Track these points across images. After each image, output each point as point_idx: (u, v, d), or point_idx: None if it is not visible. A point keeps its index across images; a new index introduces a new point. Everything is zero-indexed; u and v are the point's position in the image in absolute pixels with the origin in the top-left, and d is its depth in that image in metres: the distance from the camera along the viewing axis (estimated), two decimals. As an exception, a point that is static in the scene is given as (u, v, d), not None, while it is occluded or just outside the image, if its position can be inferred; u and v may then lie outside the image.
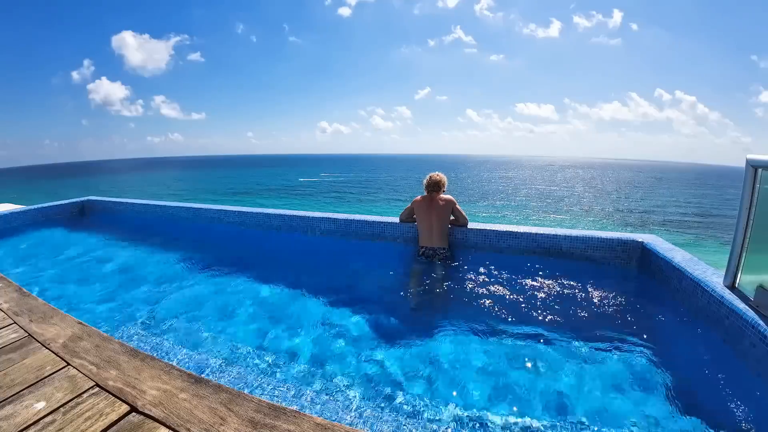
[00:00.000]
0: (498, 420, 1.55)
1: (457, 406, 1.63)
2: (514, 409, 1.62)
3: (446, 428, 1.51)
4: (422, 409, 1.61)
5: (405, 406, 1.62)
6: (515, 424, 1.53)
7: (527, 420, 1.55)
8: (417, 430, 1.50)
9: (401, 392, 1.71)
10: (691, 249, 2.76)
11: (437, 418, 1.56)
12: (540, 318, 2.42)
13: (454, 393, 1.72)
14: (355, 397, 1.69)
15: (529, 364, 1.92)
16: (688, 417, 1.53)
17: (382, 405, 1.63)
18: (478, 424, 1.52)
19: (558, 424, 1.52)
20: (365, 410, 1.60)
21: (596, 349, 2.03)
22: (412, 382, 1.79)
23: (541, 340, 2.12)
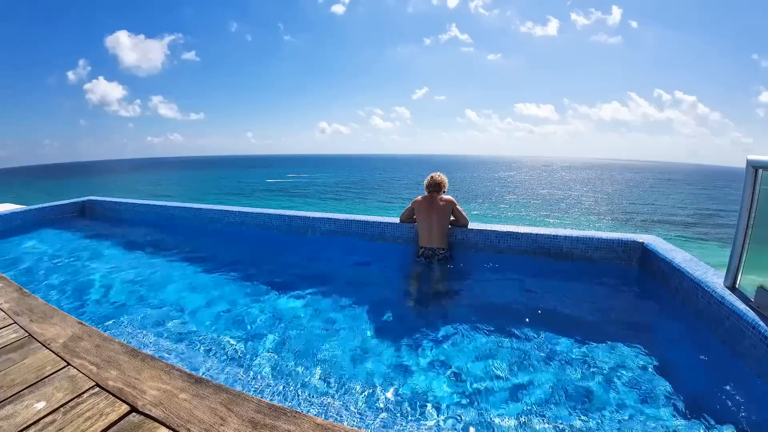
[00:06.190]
0: (498, 421, 1.55)
1: (456, 406, 1.63)
2: (514, 409, 1.61)
3: (446, 428, 1.51)
4: (421, 409, 1.61)
5: (404, 407, 1.62)
6: (515, 424, 1.53)
7: (527, 421, 1.54)
8: (416, 430, 1.50)
9: (400, 393, 1.71)
10: (691, 250, 2.76)
11: (437, 418, 1.56)
12: (540, 319, 2.42)
13: (454, 393, 1.72)
14: (354, 397, 1.69)
15: (529, 365, 1.92)
16: (688, 417, 1.53)
17: (382, 405, 1.63)
18: (477, 425, 1.52)
19: (558, 424, 1.52)
20: (365, 410, 1.60)
21: (596, 349, 2.03)
22: (412, 383, 1.79)
23: (541, 341, 2.12)
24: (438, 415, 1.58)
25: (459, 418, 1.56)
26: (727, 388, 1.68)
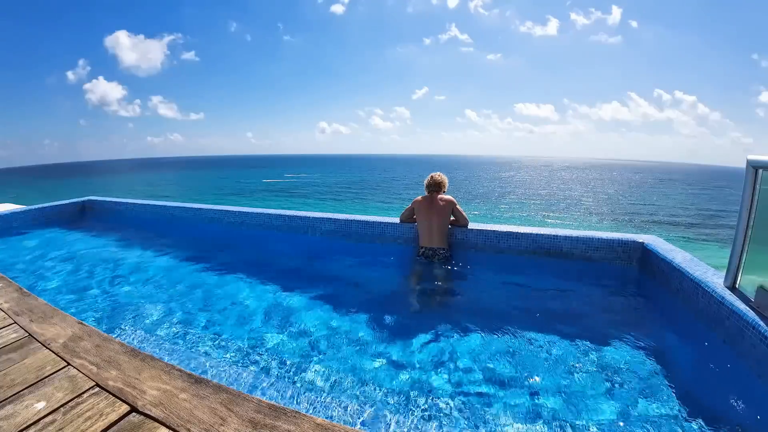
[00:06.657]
0: (497, 420, 1.55)
1: (456, 406, 1.63)
2: (514, 409, 1.61)
3: (446, 428, 1.51)
4: (421, 409, 1.61)
5: (405, 407, 1.62)
6: (515, 424, 1.53)
7: (527, 420, 1.54)
8: (416, 430, 1.49)
9: (401, 393, 1.71)
10: (692, 250, 2.76)
11: (437, 418, 1.56)
12: (540, 319, 2.42)
13: (453, 394, 1.72)
14: (355, 397, 1.69)
15: (529, 365, 1.92)
16: (688, 418, 1.53)
17: (382, 406, 1.63)
18: (477, 424, 1.52)
19: (558, 423, 1.52)
20: (365, 411, 1.60)
21: (596, 350, 2.03)
22: (412, 383, 1.79)
23: (542, 341, 2.12)
24: (438, 415, 1.57)
25: (459, 417, 1.56)
26: (727, 388, 1.68)
